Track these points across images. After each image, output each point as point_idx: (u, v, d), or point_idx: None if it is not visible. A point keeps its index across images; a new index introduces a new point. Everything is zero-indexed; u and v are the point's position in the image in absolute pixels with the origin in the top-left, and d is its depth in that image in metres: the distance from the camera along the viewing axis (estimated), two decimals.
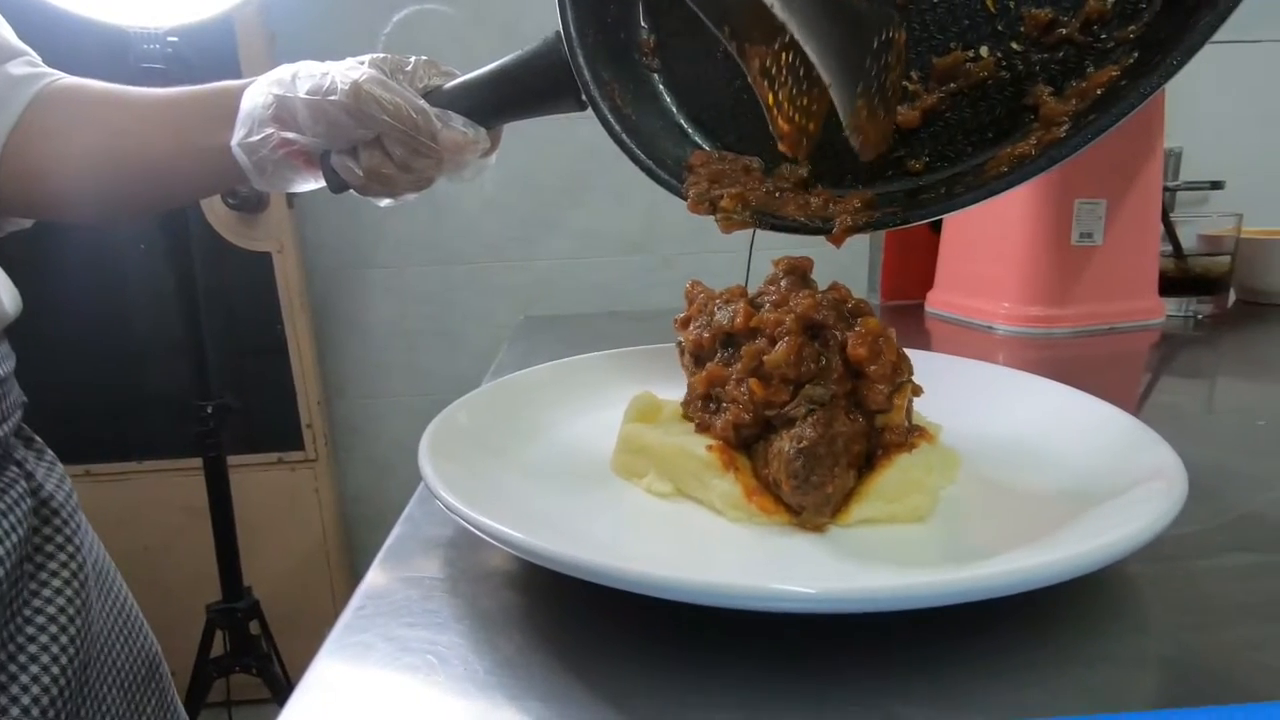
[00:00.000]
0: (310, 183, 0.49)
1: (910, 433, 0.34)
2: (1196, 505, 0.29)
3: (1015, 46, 0.34)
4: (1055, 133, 0.31)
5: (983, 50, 0.35)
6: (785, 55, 0.32)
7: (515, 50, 0.45)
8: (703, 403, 0.37)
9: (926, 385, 0.36)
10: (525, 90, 0.45)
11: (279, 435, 1.55)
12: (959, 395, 0.42)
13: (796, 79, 0.32)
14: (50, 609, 0.46)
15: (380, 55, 0.45)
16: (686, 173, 0.39)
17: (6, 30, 0.48)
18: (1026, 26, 0.33)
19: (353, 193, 0.48)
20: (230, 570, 1.25)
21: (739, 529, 0.33)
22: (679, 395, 0.40)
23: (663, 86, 0.44)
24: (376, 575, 0.32)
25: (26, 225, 0.53)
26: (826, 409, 0.32)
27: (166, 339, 1.45)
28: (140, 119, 0.48)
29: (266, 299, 1.48)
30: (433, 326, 1.68)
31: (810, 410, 0.32)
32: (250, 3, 1.17)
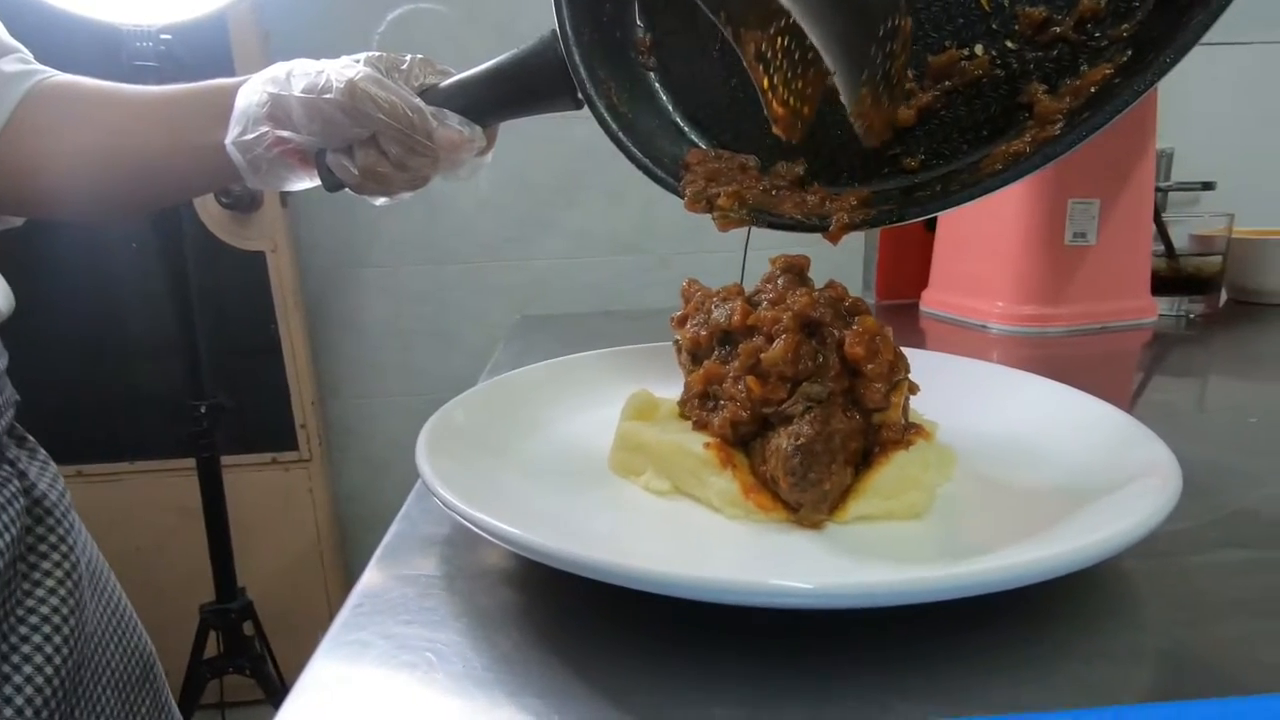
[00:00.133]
0: (305, 181, 0.49)
1: (907, 430, 0.34)
2: (1190, 502, 0.29)
3: (1010, 45, 0.34)
4: (1050, 130, 0.31)
5: (977, 48, 0.35)
6: (780, 39, 0.32)
7: (510, 49, 0.45)
8: (700, 400, 0.37)
9: (923, 383, 0.36)
10: (521, 88, 0.45)
11: (273, 435, 1.54)
12: (955, 393, 0.42)
13: (791, 63, 0.32)
14: (44, 609, 0.45)
15: (376, 53, 0.45)
16: (683, 171, 0.39)
17: None
18: (1021, 25, 0.34)
19: (347, 191, 0.48)
20: (224, 571, 1.24)
21: (736, 526, 0.33)
22: (676, 393, 0.40)
23: (659, 85, 0.44)
24: (374, 573, 0.32)
25: (18, 224, 0.52)
26: (824, 406, 0.32)
27: (159, 338, 1.44)
28: (134, 116, 0.48)
29: (260, 298, 1.48)
30: (427, 326, 1.68)
31: (808, 408, 0.32)
32: (244, 1, 1.17)
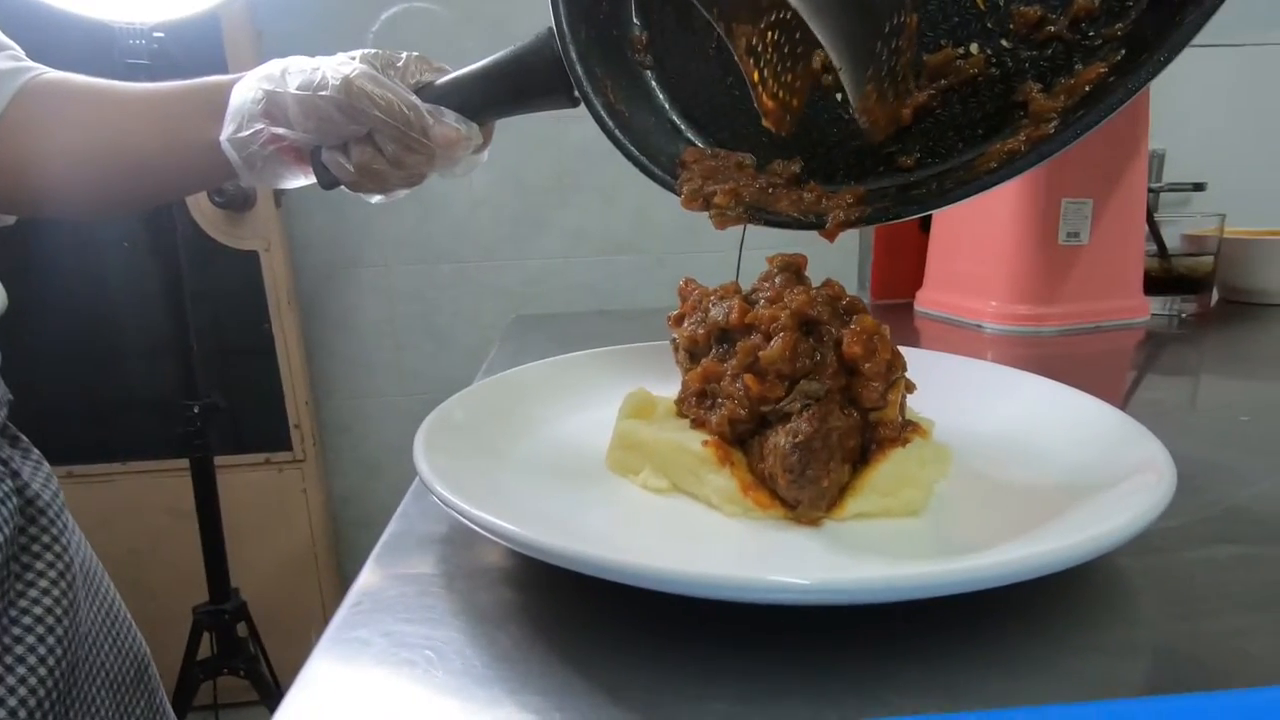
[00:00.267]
0: (300, 179, 0.49)
1: (904, 428, 0.35)
2: (1183, 499, 0.30)
3: (1005, 44, 0.34)
4: (1044, 129, 0.31)
5: (973, 47, 0.35)
6: (770, 34, 0.32)
7: (506, 47, 0.45)
8: (698, 399, 0.37)
9: (919, 381, 0.37)
10: (518, 86, 0.45)
11: (266, 435, 1.54)
12: (951, 391, 0.42)
13: (780, 56, 0.33)
14: (37, 609, 0.45)
15: (371, 51, 0.45)
16: (680, 169, 0.39)
17: None
18: (1016, 24, 0.34)
19: (343, 189, 0.48)
20: (217, 572, 1.24)
21: (734, 524, 0.33)
22: (673, 392, 0.40)
23: (655, 83, 0.44)
24: (372, 572, 0.32)
25: (9, 222, 0.52)
26: (821, 404, 0.32)
27: (152, 338, 1.44)
28: (127, 114, 0.47)
29: (254, 298, 1.47)
30: (422, 326, 1.67)
31: (805, 405, 0.33)
32: None
